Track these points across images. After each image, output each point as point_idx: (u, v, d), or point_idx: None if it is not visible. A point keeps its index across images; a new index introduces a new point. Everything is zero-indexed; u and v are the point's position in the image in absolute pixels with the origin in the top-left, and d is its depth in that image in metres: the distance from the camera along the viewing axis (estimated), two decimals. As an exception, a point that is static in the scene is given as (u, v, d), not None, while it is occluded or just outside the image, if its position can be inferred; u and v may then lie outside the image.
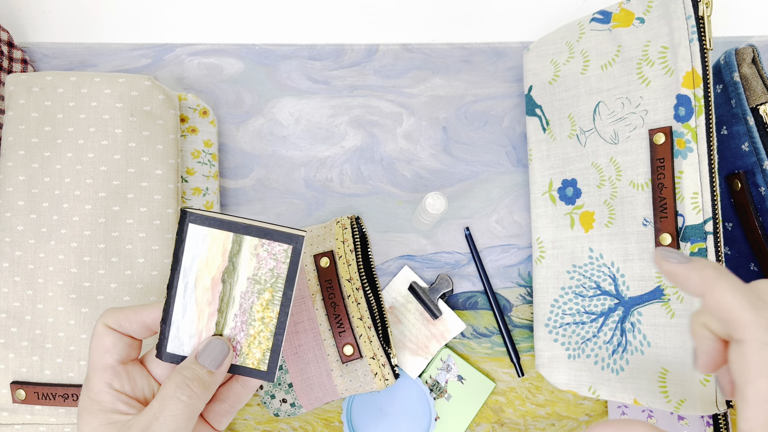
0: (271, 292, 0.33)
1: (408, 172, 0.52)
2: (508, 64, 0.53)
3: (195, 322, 0.33)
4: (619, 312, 0.43)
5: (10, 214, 0.43)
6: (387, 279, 0.51)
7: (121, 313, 0.33)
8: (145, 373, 0.33)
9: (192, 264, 0.33)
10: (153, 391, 0.33)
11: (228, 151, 0.52)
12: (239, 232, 0.33)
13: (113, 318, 0.33)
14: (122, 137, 0.44)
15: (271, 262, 0.33)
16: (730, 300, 0.27)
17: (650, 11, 0.42)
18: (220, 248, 0.33)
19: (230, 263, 0.33)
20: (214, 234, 0.33)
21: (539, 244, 0.48)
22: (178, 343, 0.34)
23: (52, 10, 0.53)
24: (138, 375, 0.33)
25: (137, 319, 0.33)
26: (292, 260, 0.33)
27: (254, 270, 0.33)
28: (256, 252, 0.33)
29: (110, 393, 0.32)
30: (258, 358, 0.34)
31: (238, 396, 0.35)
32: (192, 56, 0.52)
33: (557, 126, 0.47)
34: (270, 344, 0.34)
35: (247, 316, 0.34)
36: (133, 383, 0.33)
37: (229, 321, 0.34)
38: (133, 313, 0.33)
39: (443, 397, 0.49)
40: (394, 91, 0.53)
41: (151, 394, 0.33)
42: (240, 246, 0.33)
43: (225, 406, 0.35)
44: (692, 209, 0.39)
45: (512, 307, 0.51)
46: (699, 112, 0.39)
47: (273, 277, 0.33)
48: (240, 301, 0.33)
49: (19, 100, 0.44)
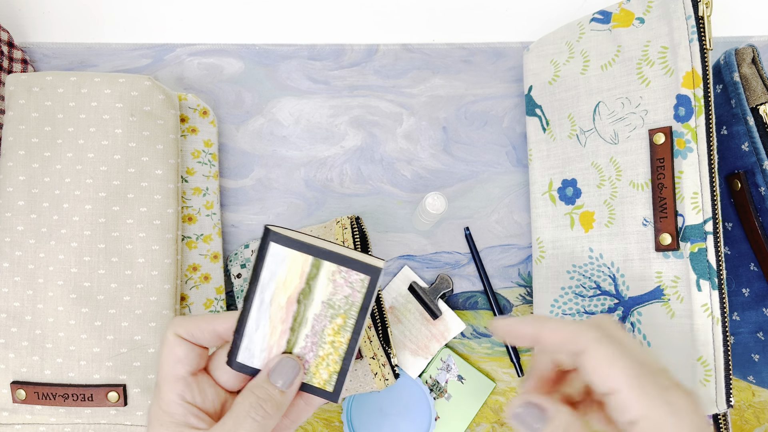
0: (344, 318, 0.34)
1: (408, 172, 0.52)
2: (508, 64, 0.53)
3: (267, 337, 0.34)
4: (618, 312, 0.43)
5: (10, 214, 0.43)
6: (387, 279, 0.51)
7: (192, 323, 0.33)
8: (212, 382, 0.33)
9: (270, 281, 0.33)
10: (221, 401, 0.33)
11: (228, 151, 0.52)
12: (319, 256, 0.33)
13: (184, 327, 0.33)
14: (122, 137, 0.44)
15: (347, 290, 0.33)
16: (622, 383, 0.28)
17: (650, 11, 0.42)
18: (299, 270, 0.33)
19: (307, 285, 0.33)
20: (294, 256, 0.33)
21: (539, 244, 0.48)
22: (249, 354, 0.34)
23: (52, 10, 0.53)
24: (207, 385, 0.33)
25: (209, 329, 0.33)
26: (368, 290, 0.33)
27: (330, 295, 0.33)
28: (333, 278, 0.33)
29: (182, 405, 0.31)
30: (324, 379, 0.34)
31: (300, 412, 0.35)
32: (192, 56, 0.52)
33: (557, 126, 0.47)
34: (338, 368, 0.34)
35: (318, 338, 0.34)
36: (204, 394, 0.33)
37: (300, 340, 0.34)
38: (205, 323, 0.33)
39: (443, 397, 0.49)
40: (394, 91, 0.53)
41: (219, 405, 0.33)
42: (318, 270, 0.33)
43: (287, 421, 0.35)
44: (692, 209, 0.39)
45: (512, 307, 0.51)
46: (699, 112, 0.39)
47: (347, 305, 0.33)
48: (312, 323, 0.34)
49: (20, 100, 0.44)
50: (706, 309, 0.38)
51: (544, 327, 0.31)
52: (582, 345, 0.29)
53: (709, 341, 0.38)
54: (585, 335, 0.29)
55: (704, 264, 0.38)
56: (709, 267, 0.38)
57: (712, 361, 0.38)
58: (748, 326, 0.44)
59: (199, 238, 0.49)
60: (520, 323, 0.32)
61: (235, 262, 0.49)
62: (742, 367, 0.45)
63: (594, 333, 0.29)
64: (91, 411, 0.43)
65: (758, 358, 0.43)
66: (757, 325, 0.43)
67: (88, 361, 0.42)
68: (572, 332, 0.30)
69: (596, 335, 0.29)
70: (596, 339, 0.29)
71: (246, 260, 0.49)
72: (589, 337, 0.29)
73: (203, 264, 0.48)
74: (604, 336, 0.29)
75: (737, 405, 0.51)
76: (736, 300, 0.44)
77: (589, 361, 0.29)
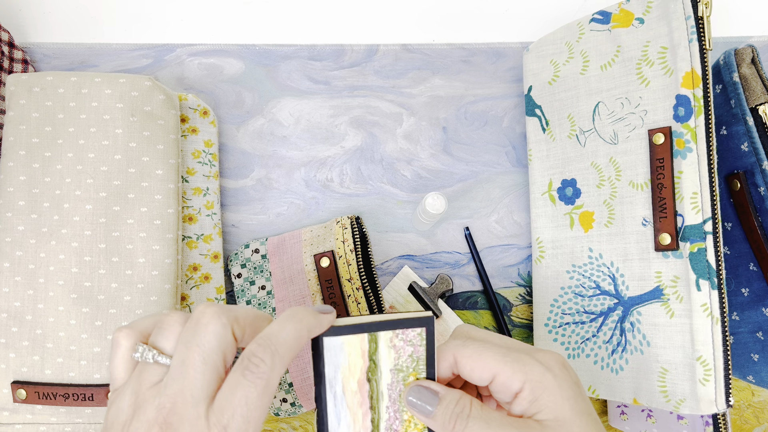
0: (415, 375, 0.34)
1: (408, 172, 0.52)
2: (507, 65, 0.53)
3: (351, 426, 0.34)
4: (618, 312, 0.43)
5: (10, 214, 0.43)
6: (387, 279, 0.51)
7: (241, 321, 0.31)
8: None
9: (336, 374, 0.33)
10: None
11: (228, 151, 0.52)
12: (372, 330, 0.33)
13: (238, 324, 0.30)
14: (123, 137, 0.44)
15: (409, 349, 0.34)
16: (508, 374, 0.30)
17: (650, 12, 0.42)
18: (359, 351, 0.33)
19: (371, 362, 0.33)
20: (350, 340, 0.33)
21: (539, 244, 0.48)
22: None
23: (53, 11, 0.53)
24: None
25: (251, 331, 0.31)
26: (428, 341, 0.33)
27: (395, 360, 0.34)
28: (392, 344, 0.33)
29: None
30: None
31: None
32: (192, 56, 0.52)
33: (557, 126, 0.47)
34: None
35: (398, 404, 0.34)
36: None
37: (383, 414, 0.34)
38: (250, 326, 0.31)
39: (443, 396, 0.49)
40: (394, 91, 0.53)
41: None
42: (377, 343, 0.33)
43: None
44: (692, 209, 0.39)
45: (512, 306, 0.51)
46: (698, 113, 0.39)
47: (414, 362, 0.34)
48: (388, 393, 0.34)
49: (20, 101, 0.44)
50: (705, 309, 0.38)
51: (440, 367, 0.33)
52: (450, 357, 0.32)
53: (708, 341, 0.38)
54: (449, 347, 0.32)
55: (704, 264, 0.38)
56: (708, 267, 0.38)
57: (711, 361, 0.38)
58: (747, 326, 0.44)
59: (200, 238, 0.49)
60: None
61: (236, 262, 0.49)
62: (742, 366, 0.45)
63: (455, 341, 0.32)
64: (91, 411, 0.43)
65: (757, 357, 0.43)
66: (757, 324, 0.43)
67: (89, 361, 0.42)
68: (443, 352, 0.32)
69: (457, 342, 0.32)
70: (460, 345, 0.32)
71: (246, 260, 0.49)
72: (452, 345, 0.32)
73: (204, 264, 0.48)
74: (466, 339, 0.33)
75: (736, 405, 0.51)
76: (736, 300, 0.45)
77: (462, 365, 0.31)
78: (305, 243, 0.48)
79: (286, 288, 0.47)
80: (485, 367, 0.31)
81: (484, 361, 0.31)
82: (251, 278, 0.49)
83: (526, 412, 0.30)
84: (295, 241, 0.48)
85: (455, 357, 0.32)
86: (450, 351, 0.32)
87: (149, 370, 0.29)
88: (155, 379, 0.28)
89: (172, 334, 0.29)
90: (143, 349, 0.29)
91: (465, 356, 0.31)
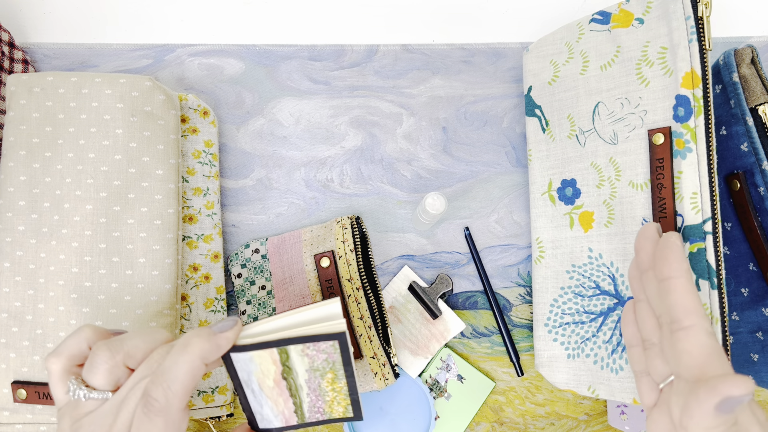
0: (333, 372, 0.35)
1: (408, 172, 0.52)
2: (507, 65, 0.53)
3: (274, 408, 0.37)
4: (618, 311, 0.43)
5: (11, 214, 0.44)
6: (387, 279, 0.51)
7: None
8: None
9: (249, 377, 0.35)
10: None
11: (228, 152, 0.52)
12: (280, 345, 0.34)
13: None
14: (123, 137, 0.44)
15: (323, 355, 0.35)
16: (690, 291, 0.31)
17: (649, 12, 0.42)
18: (269, 360, 0.34)
19: (285, 366, 0.35)
20: (259, 353, 0.34)
21: (539, 244, 0.48)
22: (267, 422, 0.38)
23: (53, 11, 0.53)
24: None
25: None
26: (342, 349, 0.34)
27: (309, 364, 0.35)
28: (305, 353, 0.34)
29: None
30: (342, 411, 0.38)
31: None
32: (193, 57, 0.53)
33: (557, 126, 0.47)
34: (349, 401, 0.37)
35: (319, 391, 0.36)
36: None
37: (305, 398, 0.37)
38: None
39: (443, 396, 0.49)
40: (394, 91, 0.53)
41: None
42: (288, 353, 0.34)
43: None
44: (691, 209, 0.39)
45: (512, 306, 0.51)
46: (698, 113, 0.39)
47: (330, 363, 0.35)
48: (307, 385, 0.36)
49: (20, 101, 0.44)
50: (705, 309, 0.38)
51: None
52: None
53: (708, 341, 0.38)
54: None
55: (703, 264, 0.38)
56: (708, 267, 0.38)
57: (711, 361, 0.38)
58: (747, 326, 0.44)
59: (200, 238, 0.49)
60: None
61: (236, 262, 0.49)
62: (742, 366, 0.45)
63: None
64: (91, 410, 0.43)
65: (757, 357, 0.43)
66: (756, 324, 0.43)
67: (89, 361, 0.43)
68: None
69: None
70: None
71: (246, 260, 0.49)
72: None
73: (204, 264, 0.49)
74: None
75: (736, 405, 0.51)
76: (735, 300, 0.45)
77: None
78: (305, 243, 0.48)
79: (286, 288, 0.47)
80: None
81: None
82: (251, 278, 0.49)
83: None
84: (295, 241, 0.48)
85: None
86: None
87: (83, 402, 0.32)
88: (89, 408, 0.32)
89: (101, 371, 0.32)
90: (74, 387, 0.32)
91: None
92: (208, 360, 0.32)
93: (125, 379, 0.33)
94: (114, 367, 0.32)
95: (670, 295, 0.32)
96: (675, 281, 0.32)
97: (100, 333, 0.34)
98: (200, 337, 0.32)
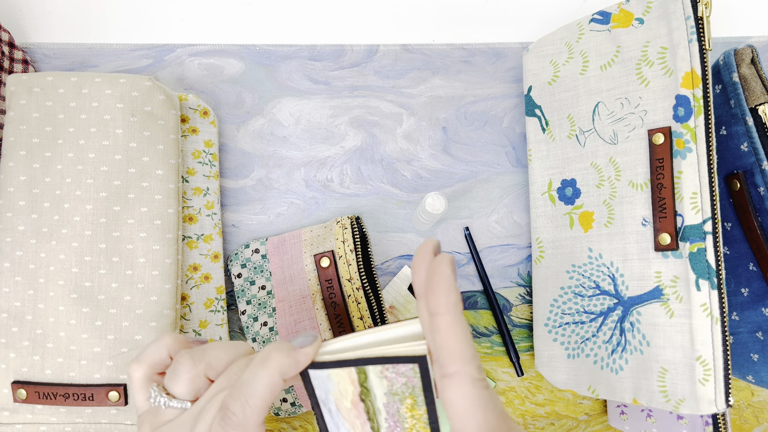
0: (412, 397, 0.34)
1: (408, 172, 0.52)
2: (507, 65, 0.53)
3: (351, 431, 0.35)
4: (618, 312, 0.43)
5: (11, 214, 0.44)
6: (387, 279, 0.51)
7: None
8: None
9: (327, 396, 0.34)
10: None
11: (228, 152, 0.52)
12: (358, 365, 0.33)
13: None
14: (123, 137, 0.44)
15: (402, 379, 0.33)
16: (459, 333, 0.28)
17: (649, 12, 0.42)
18: (348, 380, 0.33)
19: (363, 387, 0.34)
20: (336, 372, 0.33)
21: (538, 244, 0.48)
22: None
23: (53, 11, 0.53)
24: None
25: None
26: (422, 374, 0.33)
27: (388, 387, 0.34)
28: (384, 374, 0.33)
29: None
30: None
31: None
32: (192, 57, 0.53)
33: (557, 126, 0.47)
34: (429, 430, 0.35)
35: (398, 416, 0.35)
36: None
37: (383, 423, 0.35)
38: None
39: (443, 396, 0.49)
40: (394, 91, 0.53)
41: None
42: (366, 374, 0.33)
43: None
44: (691, 209, 0.39)
45: (512, 306, 0.51)
46: (698, 113, 0.39)
47: (409, 388, 0.34)
48: (385, 409, 0.35)
49: (20, 101, 0.44)
50: (705, 309, 0.38)
51: None
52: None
53: (708, 341, 0.38)
54: None
55: (703, 264, 0.38)
56: (708, 267, 0.38)
57: (711, 361, 0.38)
58: (747, 326, 0.44)
59: (200, 238, 0.49)
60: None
61: (236, 262, 0.49)
62: (741, 366, 0.45)
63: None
64: (91, 410, 0.43)
65: (757, 357, 0.44)
66: (756, 324, 0.43)
67: (89, 361, 0.43)
68: None
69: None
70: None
71: (246, 260, 0.49)
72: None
73: (204, 264, 0.49)
74: None
75: (736, 404, 0.51)
76: (735, 300, 0.45)
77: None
78: (305, 243, 0.48)
79: (286, 288, 0.48)
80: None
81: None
82: (251, 278, 0.49)
83: None
84: (295, 241, 0.48)
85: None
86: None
87: (163, 410, 0.32)
88: (168, 417, 0.32)
89: (183, 380, 0.32)
90: (155, 394, 0.32)
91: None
92: (286, 375, 0.31)
93: (205, 389, 0.32)
94: (195, 377, 0.32)
95: (436, 334, 0.29)
96: (440, 318, 0.28)
97: (181, 342, 0.34)
98: (280, 351, 0.31)
